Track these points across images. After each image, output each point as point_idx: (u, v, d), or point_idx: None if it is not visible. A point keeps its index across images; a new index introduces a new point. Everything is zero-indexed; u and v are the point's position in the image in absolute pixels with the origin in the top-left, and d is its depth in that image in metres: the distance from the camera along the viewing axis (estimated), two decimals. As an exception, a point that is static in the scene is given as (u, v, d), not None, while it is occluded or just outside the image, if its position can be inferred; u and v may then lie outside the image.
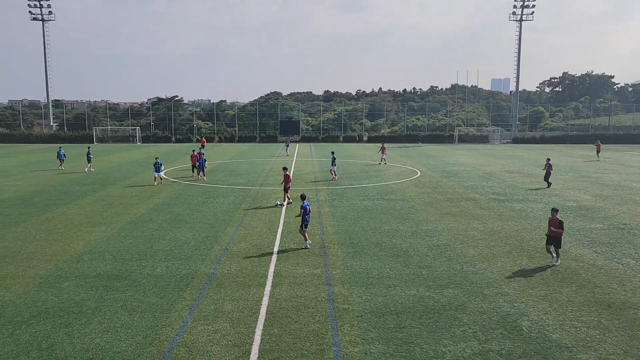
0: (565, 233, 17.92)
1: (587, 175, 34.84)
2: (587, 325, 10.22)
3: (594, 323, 10.34)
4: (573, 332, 9.89)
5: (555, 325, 10.21)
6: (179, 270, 13.56)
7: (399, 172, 36.35)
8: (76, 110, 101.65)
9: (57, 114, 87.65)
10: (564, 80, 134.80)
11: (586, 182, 30.96)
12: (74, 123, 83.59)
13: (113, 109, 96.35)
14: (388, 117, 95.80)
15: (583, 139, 75.77)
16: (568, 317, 10.61)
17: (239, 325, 10.11)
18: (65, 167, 38.14)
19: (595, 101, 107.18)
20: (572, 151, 59.00)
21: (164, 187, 27.99)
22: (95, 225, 18.85)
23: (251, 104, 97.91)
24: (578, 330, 10.01)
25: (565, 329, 10.06)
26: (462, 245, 16.25)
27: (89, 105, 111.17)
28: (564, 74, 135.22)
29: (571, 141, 75.20)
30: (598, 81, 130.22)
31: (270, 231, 17.92)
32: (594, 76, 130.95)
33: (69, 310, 10.82)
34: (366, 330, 9.95)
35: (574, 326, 10.19)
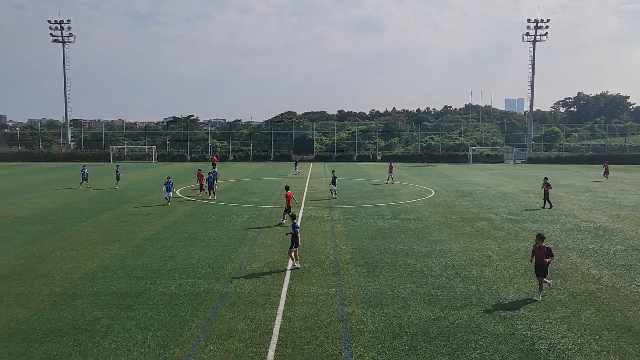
0: (583, 255, 17.62)
1: (603, 195, 34.35)
2: (607, 350, 9.97)
3: (614, 347, 10.08)
4: (592, 357, 9.65)
5: (574, 349, 9.97)
6: (192, 288, 13.55)
7: (413, 191, 36.19)
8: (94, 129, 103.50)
9: (75, 133, 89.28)
10: (579, 100, 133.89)
11: (603, 203, 30.51)
12: (92, 142, 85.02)
13: (130, 128, 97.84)
14: (402, 137, 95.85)
15: (599, 159, 74.81)
16: (587, 341, 10.37)
17: (252, 345, 10.04)
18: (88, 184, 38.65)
19: (610, 121, 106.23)
20: (588, 171, 58.29)
21: (179, 205, 28.17)
22: (110, 243, 18.99)
23: (266, 124, 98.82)
24: (597, 354, 9.76)
25: (585, 353, 9.81)
26: (478, 265, 16.04)
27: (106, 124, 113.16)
28: (579, 94, 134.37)
29: (587, 161, 74.38)
30: (613, 101, 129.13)
31: (284, 250, 17.88)
32: (609, 96, 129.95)
33: (82, 328, 10.85)
34: (380, 351, 9.81)
35: (593, 350, 9.94)
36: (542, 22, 76.45)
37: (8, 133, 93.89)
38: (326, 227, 22.26)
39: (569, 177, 50.26)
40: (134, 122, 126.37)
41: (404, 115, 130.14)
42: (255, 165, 68.38)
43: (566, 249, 18.41)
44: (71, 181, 42.86)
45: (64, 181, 43.00)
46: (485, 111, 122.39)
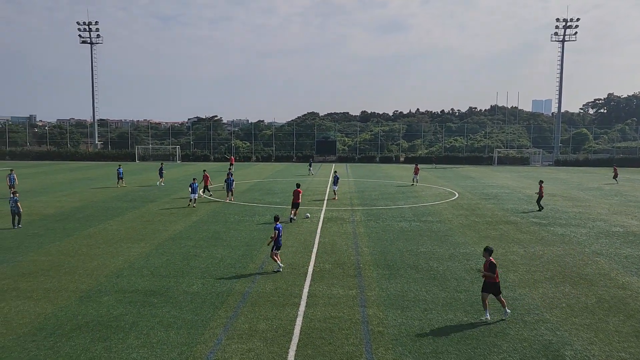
0: (612, 260, 17.17)
1: (634, 199, 33.45)
2: (636, 358, 9.69)
3: (643, 356, 9.79)
4: (621, 365, 9.39)
5: (601, 357, 9.72)
6: (214, 287, 13.67)
7: (436, 193, 35.85)
8: (120, 129, 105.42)
9: (102, 132, 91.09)
10: (609, 101, 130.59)
11: (633, 207, 29.71)
12: (118, 142, 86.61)
13: (155, 128, 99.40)
14: (425, 138, 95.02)
15: (630, 162, 73.01)
16: (615, 348, 10.10)
17: (273, 345, 10.07)
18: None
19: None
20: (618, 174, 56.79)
21: (202, 205, 28.46)
22: (135, 241, 19.30)
23: (288, 124, 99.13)
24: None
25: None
26: (502, 269, 15.78)
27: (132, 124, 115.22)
28: (609, 95, 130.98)
29: (617, 164, 72.50)
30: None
31: (305, 250, 17.90)
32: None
33: (107, 325, 11.05)
34: (401, 354, 9.73)
35: (621, 358, 9.67)
36: (572, 21, 74.89)
37: (38, 132, 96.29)
38: (348, 228, 22.21)
39: (599, 180, 49.09)
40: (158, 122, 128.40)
41: (428, 116, 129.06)
42: (278, 165, 68.67)
43: (594, 254, 17.98)
44: (98, 180, 43.73)
45: (91, 180, 43.90)
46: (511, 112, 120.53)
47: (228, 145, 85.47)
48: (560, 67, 77.03)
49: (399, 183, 43.61)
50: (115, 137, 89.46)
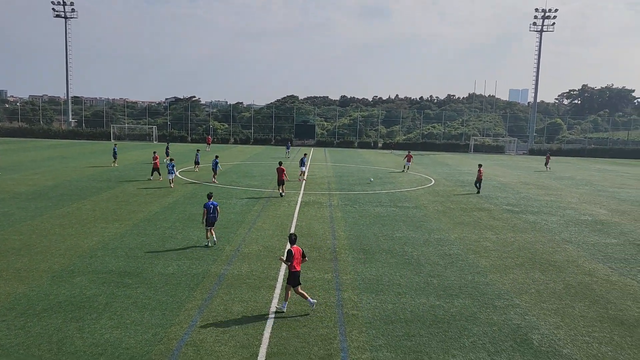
0: (580, 247, 17.69)
1: (603, 189, 34.37)
2: (599, 342, 10.07)
3: (606, 339, 10.18)
4: (584, 348, 9.75)
5: (567, 340, 10.07)
6: (190, 269, 13.64)
7: (413, 179, 36.21)
8: (95, 107, 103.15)
9: (76, 110, 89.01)
10: (583, 92, 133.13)
11: (602, 197, 30.55)
12: (92, 120, 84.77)
13: (131, 108, 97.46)
14: (404, 124, 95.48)
15: (601, 152, 74.81)
16: (580, 333, 10.47)
17: (248, 327, 10.14)
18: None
19: (614, 115, 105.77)
20: (589, 164, 58.25)
21: (179, 187, 28.19)
22: (110, 221, 19.06)
23: (267, 107, 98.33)
24: (589, 346, 9.86)
25: (577, 344, 9.92)
26: (474, 255, 16.12)
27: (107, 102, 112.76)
28: (584, 86, 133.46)
29: (589, 154, 74.28)
30: (618, 95, 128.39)
31: (282, 233, 17.96)
32: (614, 89, 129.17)
33: (80, 305, 10.95)
34: (375, 337, 9.91)
35: (585, 342, 10.04)
36: (550, 11, 75.73)
37: (9, 108, 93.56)
38: (325, 212, 22.32)
39: (570, 170, 50.24)
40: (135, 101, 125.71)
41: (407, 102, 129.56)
42: (256, 148, 68.28)
43: (563, 241, 18.48)
44: (72, 159, 42.87)
45: (64, 158, 43.00)
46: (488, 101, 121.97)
47: (206, 126, 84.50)
48: (538, 57, 78.04)
49: (377, 168, 43.86)
50: (89, 115, 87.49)
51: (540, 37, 76.95)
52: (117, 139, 74.24)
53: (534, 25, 76.76)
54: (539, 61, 78.11)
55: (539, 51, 77.72)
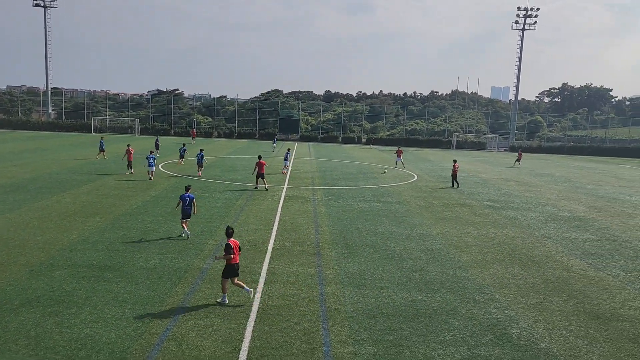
0: (558, 243, 18.02)
1: (582, 186, 35.00)
2: (576, 335, 10.29)
3: (582, 333, 10.41)
4: (561, 342, 9.96)
5: (544, 334, 10.27)
6: (172, 263, 13.55)
7: (396, 175, 36.42)
8: (75, 99, 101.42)
9: (56, 102, 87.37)
10: (563, 91, 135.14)
11: (581, 193, 31.11)
12: (73, 112, 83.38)
13: (113, 100, 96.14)
14: (387, 120, 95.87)
15: (580, 150, 76.08)
16: (557, 326, 10.68)
17: (230, 322, 10.12)
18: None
19: (593, 113, 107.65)
20: (568, 162, 59.23)
21: (161, 180, 27.94)
22: (90, 215, 18.81)
23: (252, 101, 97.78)
24: (566, 339, 10.07)
25: (554, 338, 10.12)
26: (456, 250, 16.31)
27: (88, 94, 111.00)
28: (564, 85, 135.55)
29: (568, 152, 75.49)
30: (597, 94, 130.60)
31: (265, 228, 17.93)
32: (592, 88, 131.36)
33: (59, 300, 10.81)
34: (357, 331, 9.98)
35: (562, 335, 10.25)
36: (532, 10, 76.58)
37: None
38: (308, 207, 22.35)
39: (550, 167, 51.01)
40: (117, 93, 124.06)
41: (391, 98, 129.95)
42: (240, 142, 67.91)
43: (542, 237, 18.80)
44: (51, 151, 42.15)
45: (44, 150, 42.25)
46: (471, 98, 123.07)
47: (189, 119, 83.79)
48: (520, 55, 78.91)
49: (360, 164, 43.99)
50: (70, 107, 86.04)
51: (522, 36, 77.85)
52: (99, 131, 73.17)
53: (516, 24, 77.58)
54: (521, 59, 79.06)
55: (520, 49, 78.62)
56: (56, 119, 79.11)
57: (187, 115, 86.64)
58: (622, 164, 59.94)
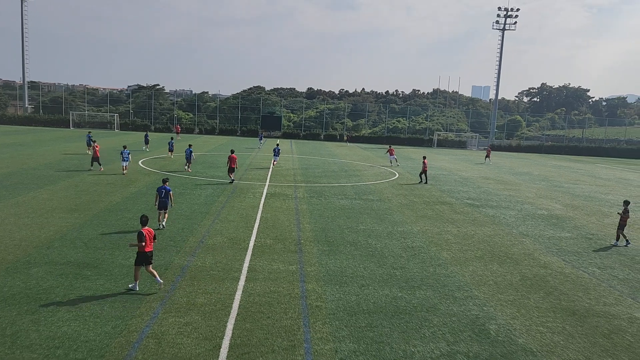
0: (536, 241, 18.33)
1: (559, 185, 35.63)
2: (552, 331, 10.50)
3: (558, 329, 10.62)
4: (538, 337, 10.15)
5: (522, 330, 10.45)
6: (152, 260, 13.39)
7: (377, 172, 36.60)
8: (53, 93, 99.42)
9: (33, 95, 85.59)
10: (542, 91, 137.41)
11: (558, 192, 31.67)
12: (50, 106, 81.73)
13: (91, 94, 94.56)
14: (370, 118, 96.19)
15: (558, 149, 77.40)
16: (534, 323, 10.88)
17: (211, 319, 10.08)
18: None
19: (570, 113, 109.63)
20: (546, 161, 60.20)
21: (141, 177, 27.63)
22: (68, 211, 18.51)
23: (233, 97, 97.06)
24: (543, 335, 10.27)
25: (531, 334, 10.31)
26: (436, 248, 16.48)
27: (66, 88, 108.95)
28: (542, 84, 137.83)
29: (546, 151, 76.73)
30: (574, 94, 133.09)
31: (247, 225, 17.87)
32: (570, 89, 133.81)
33: (36, 297, 10.63)
34: (338, 328, 10.02)
35: (539, 331, 10.45)
36: (512, 10, 77.51)
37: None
38: (290, 204, 22.33)
39: (529, 166, 51.78)
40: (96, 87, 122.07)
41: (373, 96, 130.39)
42: (221, 139, 67.45)
43: (520, 235, 19.10)
44: (28, 146, 41.31)
45: (20, 145, 41.38)
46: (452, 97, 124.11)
47: (170, 115, 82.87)
48: (500, 55, 79.82)
49: (343, 161, 44.08)
50: (47, 101, 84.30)
51: (502, 36, 78.73)
52: (77, 127, 71.97)
53: (497, 24, 78.44)
54: (501, 59, 79.95)
55: (500, 49, 79.52)
56: (33, 114, 77.47)
57: (168, 111, 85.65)
58: (599, 163, 61.16)
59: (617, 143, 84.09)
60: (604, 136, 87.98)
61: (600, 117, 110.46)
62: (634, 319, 11.40)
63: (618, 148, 79.30)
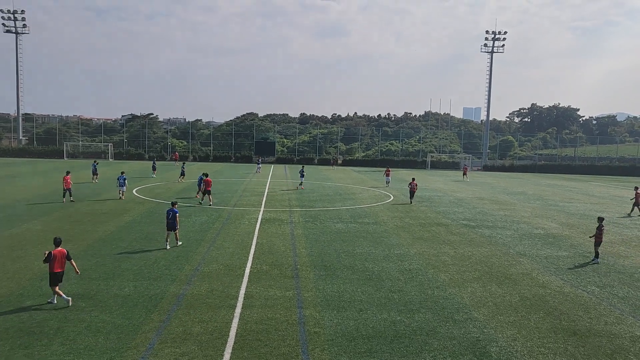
0: (534, 260, 18.27)
1: (554, 204, 35.74)
2: (554, 352, 10.37)
3: (560, 350, 10.50)
4: (540, 359, 10.02)
5: (524, 352, 10.32)
6: (147, 290, 13.25)
7: (373, 195, 36.61)
8: (47, 124, 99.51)
9: (27, 127, 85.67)
10: (533, 111, 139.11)
11: (553, 211, 31.73)
12: (44, 138, 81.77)
13: (85, 125, 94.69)
14: (363, 141, 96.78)
15: (550, 168, 77.92)
16: (535, 344, 10.76)
17: (208, 348, 9.90)
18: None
19: (561, 132, 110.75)
20: (540, 180, 60.50)
21: (135, 205, 27.49)
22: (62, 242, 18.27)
23: (227, 124, 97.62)
24: (545, 357, 10.14)
25: (533, 355, 10.18)
26: (434, 270, 16.38)
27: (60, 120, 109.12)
28: (533, 105, 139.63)
29: (539, 170, 77.21)
30: (564, 113, 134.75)
31: (242, 251, 17.74)
32: (560, 108, 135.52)
33: (29, 331, 10.43)
34: (337, 354, 9.87)
35: (541, 353, 10.32)
36: (500, 34, 79.01)
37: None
38: (285, 229, 22.23)
39: (523, 185, 52.00)
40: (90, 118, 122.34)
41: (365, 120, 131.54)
42: (216, 165, 67.49)
43: (518, 255, 19.04)
44: (22, 177, 41.14)
45: (14, 177, 41.21)
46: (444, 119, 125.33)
47: (164, 143, 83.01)
48: (489, 77, 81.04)
49: (337, 184, 44.11)
50: (41, 133, 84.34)
51: (491, 58, 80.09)
52: (71, 157, 71.90)
53: (485, 47, 79.82)
54: (491, 81, 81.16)
55: (490, 71, 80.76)
56: (27, 145, 77.46)
57: (161, 140, 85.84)
58: (592, 181, 61.52)
59: (610, 161, 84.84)
60: (596, 154, 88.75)
61: (591, 136, 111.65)
62: (636, 338, 11.30)
63: (611, 166, 79.99)
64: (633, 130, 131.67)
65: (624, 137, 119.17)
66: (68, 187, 28.61)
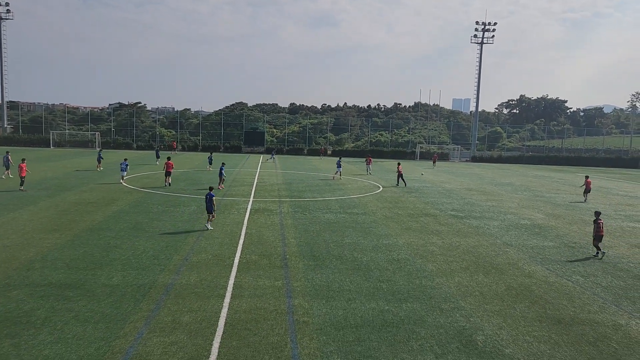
0: (520, 250, 18.50)
1: (540, 194, 36.12)
2: (539, 340, 10.56)
3: (544, 338, 10.69)
4: (525, 347, 10.19)
5: (509, 340, 10.49)
6: (136, 280, 13.22)
7: (361, 186, 36.72)
8: (33, 112, 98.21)
9: (12, 116, 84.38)
10: (521, 102, 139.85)
11: (539, 202, 32.09)
12: (30, 126, 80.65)
13: (72, 113, 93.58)
14: (352, 132, 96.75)
15: (538, 159, 78.62)
16: (521, 332, 10.93)
17: (197, 337, 9.94)
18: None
19: (549, 124, 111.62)
20: (527, 171, 61.04)
21: (123, 195, 27.31)
22: (49, 232, 18.19)
23: (216, 114, 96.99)
24: (530, 345, 10.32)
25: (518, 343, 10.35)
26: (422, 260, 16.53)
27: (46, 108, 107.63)
28: (521, 96, 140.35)
29: (527, 161, 77.86)
30: (552, 105, 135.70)
31: (231, 241, 17.74)
32: (548, 100, 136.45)
33: (16, 320, 10.38)
34: (325, 343, 9.96)
35: (526, 341, 10.50)
36: (490, 25, 79.04)
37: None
38: (275, 219, 22.25)
39: (511, 176, 52.44)
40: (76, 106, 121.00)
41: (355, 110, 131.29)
42: (205, 155, 67.10)
43: (504, 245, 19.27)
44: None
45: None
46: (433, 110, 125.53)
47: (152, 133, 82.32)
48: (479, 68, 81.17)
49: (326, 175, 44.17)
50: (27, 121, 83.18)
51: (480, 49, 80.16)
52: (57, 146, 71.11)
53: (475, 38, 79.89)
54: (480, 72, 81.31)
55: (479, 62, 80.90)
56: (12, 134, 76.37)
57: (150, 129, 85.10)
58: (578, 172, 62.20)
59: (596, 152, 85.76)
60: (583, 146, 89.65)
61: (578, 127, 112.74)
62: (618, 326, 11.53)
63: (597, 157, 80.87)
64: (619, 122, 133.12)
65: (611, 129, 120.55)
66: (24, 174, 28.04)
